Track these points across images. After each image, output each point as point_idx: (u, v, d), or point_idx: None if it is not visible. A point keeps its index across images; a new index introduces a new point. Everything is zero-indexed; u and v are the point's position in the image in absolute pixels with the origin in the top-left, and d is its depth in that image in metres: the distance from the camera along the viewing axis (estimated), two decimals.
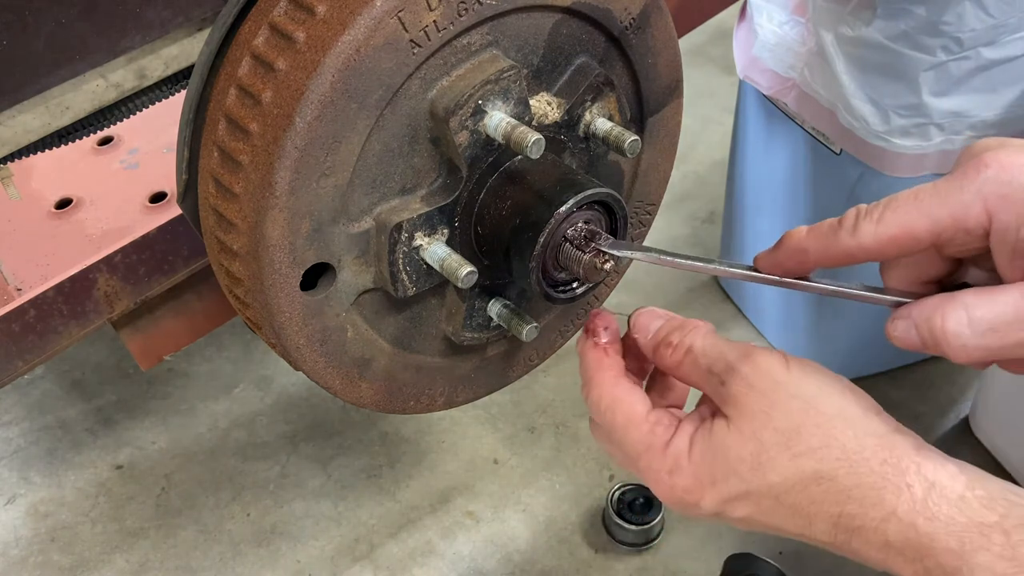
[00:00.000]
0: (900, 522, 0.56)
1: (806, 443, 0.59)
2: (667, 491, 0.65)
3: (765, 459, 0.60)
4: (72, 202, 1.22)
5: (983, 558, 0.54)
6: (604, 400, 0.69)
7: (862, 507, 0.57)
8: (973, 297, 0.61)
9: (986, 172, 0.60)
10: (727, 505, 0.63)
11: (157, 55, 0.79)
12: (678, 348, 0.68)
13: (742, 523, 0.64)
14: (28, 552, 1.66)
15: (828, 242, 0.65)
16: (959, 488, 0.57)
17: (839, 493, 0.58)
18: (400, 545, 1.64)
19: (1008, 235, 0.60)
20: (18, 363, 0.96)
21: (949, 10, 1.29)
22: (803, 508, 0.60)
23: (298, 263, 0.69)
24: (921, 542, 0.56)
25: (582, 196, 0.72)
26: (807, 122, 1.57)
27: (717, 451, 0.62)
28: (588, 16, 0.77)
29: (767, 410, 0.61)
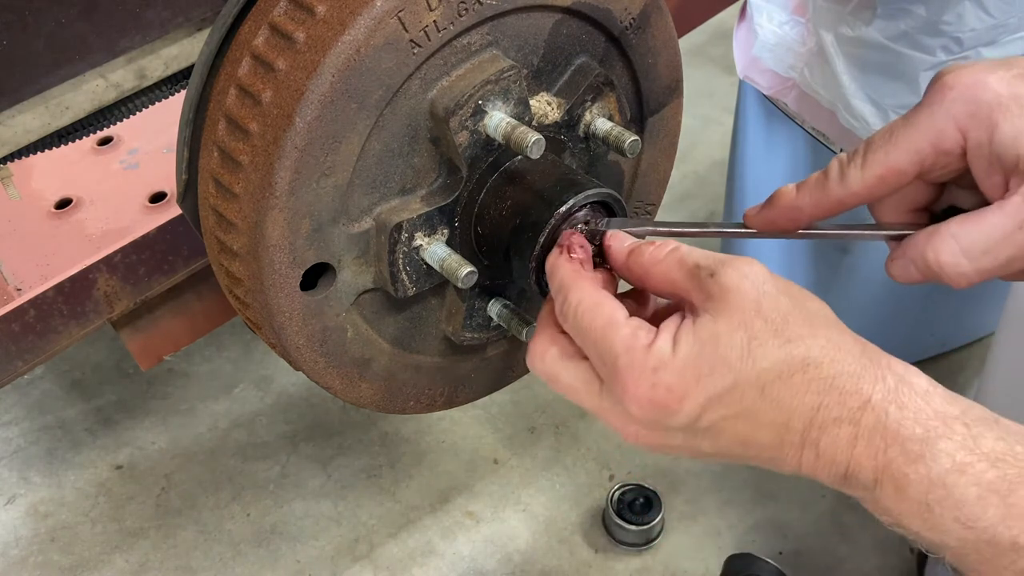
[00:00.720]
0: (874, 410, 0.58)
1: (795, 331, 0.60)
2: (647, 391, 0.60)
3: (755, 345, 0.59)
4: (72, 202, 1.22)
5: (945, 445, 0.56)
6: (585, 302, 0.64)
7: (841, 396, 0.58)
8: (959, 226, 0.65)
9: (951, 94, 0.64)
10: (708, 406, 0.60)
11: (157, 55, 0.79)
12: (662, 246, 0.66)
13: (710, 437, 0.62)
14: (28, 552, 1.66)
15: (819, 196, 0.69)
16: (924, 384, 0.59)
17: (822, 381, 0.59)
18: (400, 545, 1.64)
19: (982, 150, 0.64)
20: (18, 363, 0.96)
21: (949, 10, 1.29)
22: (785, 401, 0.59)
23: (298, 263, 0.69)
24: (889, 428, 0.57)
25: (582, 196, 0.72)
26: (807, 122, 1.57)
27: (705, 342, 0.60)
28: (588, 16, 0.77)
29: (758, 300, 0.60)
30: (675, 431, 0.62)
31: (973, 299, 1.78)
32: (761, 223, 0.72)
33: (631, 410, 0.62)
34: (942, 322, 1.81)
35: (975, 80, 0.63)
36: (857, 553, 1.57)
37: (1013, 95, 0.62)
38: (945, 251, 0.65)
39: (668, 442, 0.63)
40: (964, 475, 0.56)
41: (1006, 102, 0.62)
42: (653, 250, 0.66)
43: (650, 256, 0.66)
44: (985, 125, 0.63)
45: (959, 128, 0.64)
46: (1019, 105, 0.62)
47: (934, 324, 1.81)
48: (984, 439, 0.57)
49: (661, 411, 0.61)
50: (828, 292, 1.70)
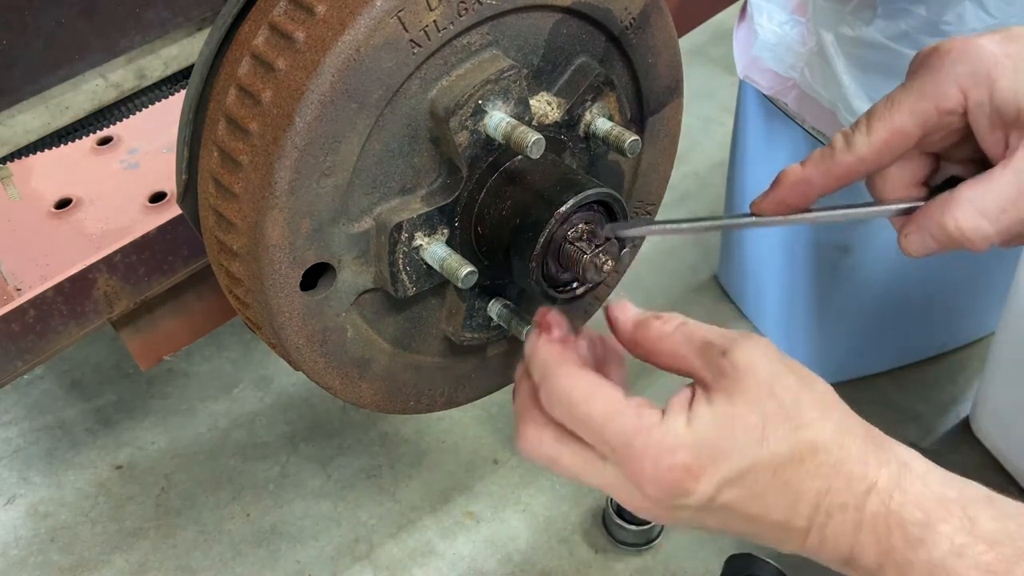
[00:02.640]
0: (879, 495, 0.59)
1: (806, 415, 0.60)
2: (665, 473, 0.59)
3: (770, 429, 0.60)
4: (72, 202, 1.22)
5: (944, 529, 0.57)
6: (579, 389, 0.62)
7: (848, 481, 0.59)
8: (972, 190, 0.67)
9: (950, 57, 0.67)
10: (723, 487, 0.60)
11: (157, 55, 0.79)
12: (670, 321, 0.66)
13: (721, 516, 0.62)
14: (28, 552, 1.66)
15: (828, 166, 0.71)
16: (922, 467, 0.61)
17: (830, 466, 0.59)
18: (400, 545, 1.64)
19: (983, 108, 0.67)
20: (18, 363, 0.96)
21: (949, 10, 1.29)
22: (794, 484, 0.60)
23: (298, 263, 0.69)
24: (892, 512, 0.58)
25: (582, 196, 0.72)
26: (807, 122, 1.57)
27: (722, 422, 0.60)
28: (588, 16, 0.77)
29: (771, 381, 0.61)
30: (685, 508, 0.62)
31: (973, 299, 1.78)
32: (770, 205, 0.73)
33: (647, 491, 0.61)
34: (942, 322, 1.81)
35: (970, 44, 0.67)
36: None
37: (1007, 53, 0.66)
38: (964, 216, 0.67)
39: (678, 516, 0.63)
40: (963, 558, 0.57)
41: (1002, 60, 0.66)
42: (660, 325, 0.66)
43: (657, 331, 0.66)
44: (985, 82, 0.66)
45: (960, 88, 0.67)
46: (1014, 62, 0.66)
47: (934, 324, 1.80)
48: (980, 520, 0.58)
49: (677, 491, 0.60)
50: (828, 292, 1.70)
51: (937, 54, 0.68)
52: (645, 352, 0.67)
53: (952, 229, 0.67)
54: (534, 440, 0.66)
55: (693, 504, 0.61)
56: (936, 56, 0.68)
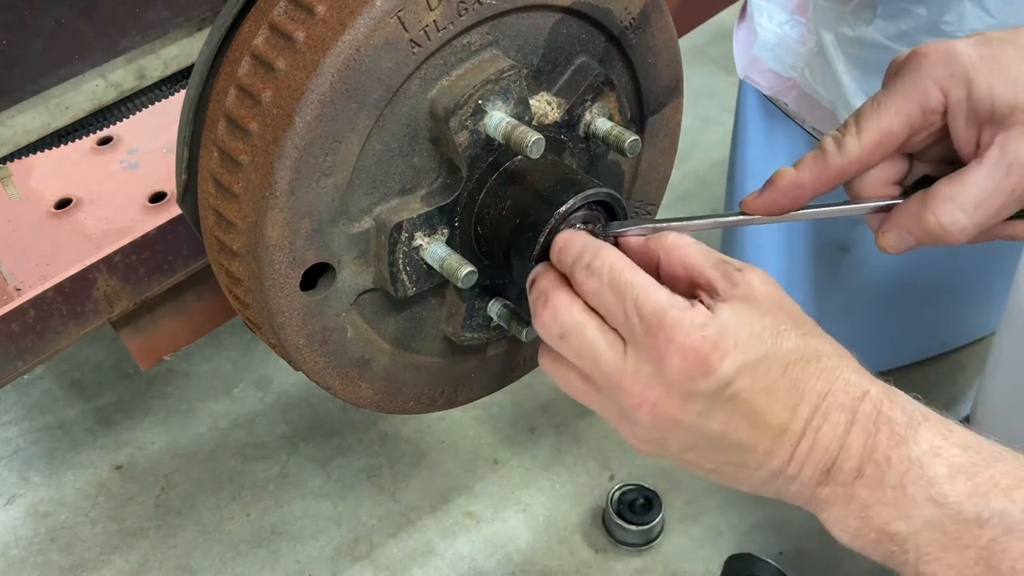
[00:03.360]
0: (871, 400, 0.64)
1: (810, 328, 0.67)
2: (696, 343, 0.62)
3: (783, 329, 0.65)
4: (72, 202, 1.22)
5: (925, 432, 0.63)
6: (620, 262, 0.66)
7: (846, 385, 0.64)
8: (949, 188, 0.72)
9: (928, 60, 0.72)
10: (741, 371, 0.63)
11: (157, 55, 0.79)
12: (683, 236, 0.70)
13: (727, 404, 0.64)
14: (28, 552, 1.66)
15: (819, 169, 0.75)
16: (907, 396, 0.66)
17: (832, 371, 0.64)
18: (400, 545, 1.64)
19: (960, 105, 0.72)
20: (18, 363, 0.96)
21: (950, 10, 1.29)
22: (800, 382, 0.64)
23: (298, 263, 0.69)
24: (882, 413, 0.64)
25: (582, 196, 0.72)
26: (807, 122, 1.57)
27: (742, 316, 0.64)
28: (588, 16, 0.77)
29: (779, 298, 0.67)
30: (698, 397, 0.64)
31: (973, 299, 1.78)
32: (762, 206, 0.77)
33: (672, 363, 0.63)
34: (942, 322, 1.81)
35: (947, 48, 0.72)
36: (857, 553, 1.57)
37: (981, 56, 0.71)
38: (944, 212, 0.72)
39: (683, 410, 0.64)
40: (938, 456, 0.62)
41: (977, 62, 0.71)
42: (675, 237, 0.70)
43: (672, 241, 0.70)
44: (962, 82, 0.71)
45: (940, 88, 0.72)
46: (987, 64, 0.70)
47: (934, 324, 1.80)
48: (956, 431, 0.64)
49: (702, 366, 0.62)
50: (828, 292, 1.70)
51: (915, 57, 0.73)
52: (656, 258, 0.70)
53: (932, 224, 0.73)
54: (564, 306, 0.67)
55: (709, 388, 0.63)
56: (915, 59, 0.73)
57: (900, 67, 0.75)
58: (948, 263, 1.67)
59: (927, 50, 0.72)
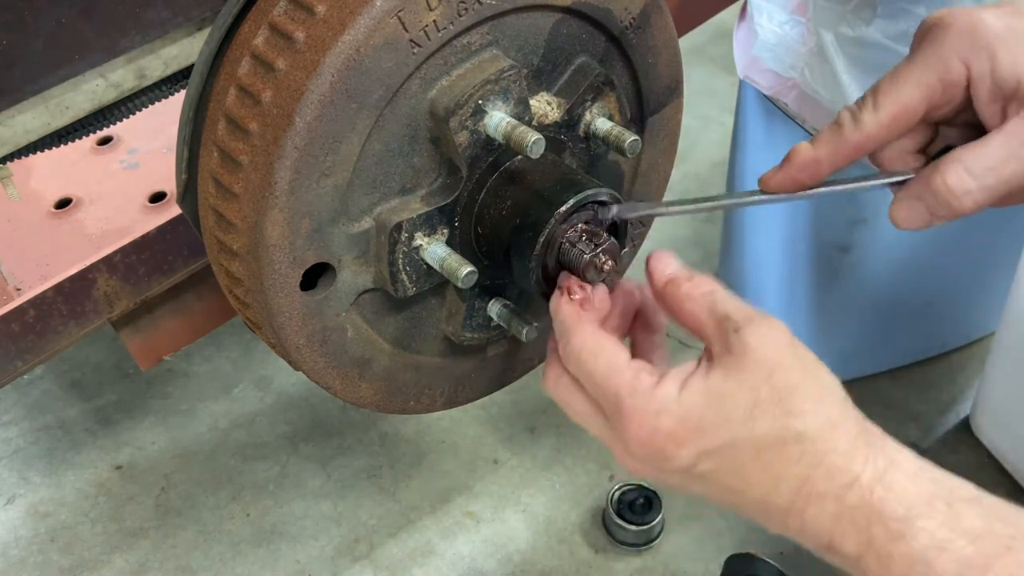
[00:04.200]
0: (860, 489, 0.60)
1: (798, 405, 0.62)
2: (648, 435, 0.63)
3: (758, 412, 0.61)
4: (72, 202, 1.22)
5: (925, 523, 0.58)
6: (587, 346, 0.67)
7: (829, 472, 0.60)
8: (963, 151, 0.69)
9: (951, 30, 0.69)
10: (703, 457, 0.63)
11: (157, 55, 0.79)
12: (700, 286, 0.69)
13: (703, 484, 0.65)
14: (28, 552, 1.66)
15: (836, 145, 0.72)
16: (913, 467, 0.61)
17: (813, 456, 0.61)
18: (400, 545, 1.64)
19: (984, 80, 0.68)
20: (18, 363, 0.96)
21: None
22: (775, 466, 0.62)
23: (298, 263, 0.69)
24: (873, 507, 0.59)
25: (582, 196, 0.72)
26: (807, 122, 1.57)
27: (712, 396, 0.62)
28: (588, 16, 0.77)
29: (772, 367, 0.62)
30: (671, 472, 0.65)
31: (973, 299, 1.78)
32: (779, 183, 0.74)
33: (633, 450, 0.65)
34: (942, 322, 1.81)
35: (972, 18, 0.68)
36: None
37: (1008, 27, 0.67)
38: (951, 173, 0.68)
39: (666, 480, 0.66)
40: (944, 552, 0.58)
41: (1003, 34, 0.67)
42: (689, 287, 0.69)
43: (685, 292, 0.69)
44: (986, 56, 0.68)
45: (963, 60, 0.68)
46: (1015, 36, 0.67)
47: (934, 324, 1.80)
48: (965, 517, 0.59)
49: (659, 454, 0.64)
50: (828, 292, 1.70)
51: (940, 27, 0.69)
52: (670, 309, 0.70)
53: (940, 187, 0.69)
54: (553, 381, 0.72)
55: (674, 469, 0.64)
56: (939, 29, 0.69)
57: (924, 35, 0.71)
58: (948, 263, 1.67)
59: (952, 19, 0.69)
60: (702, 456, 0.63)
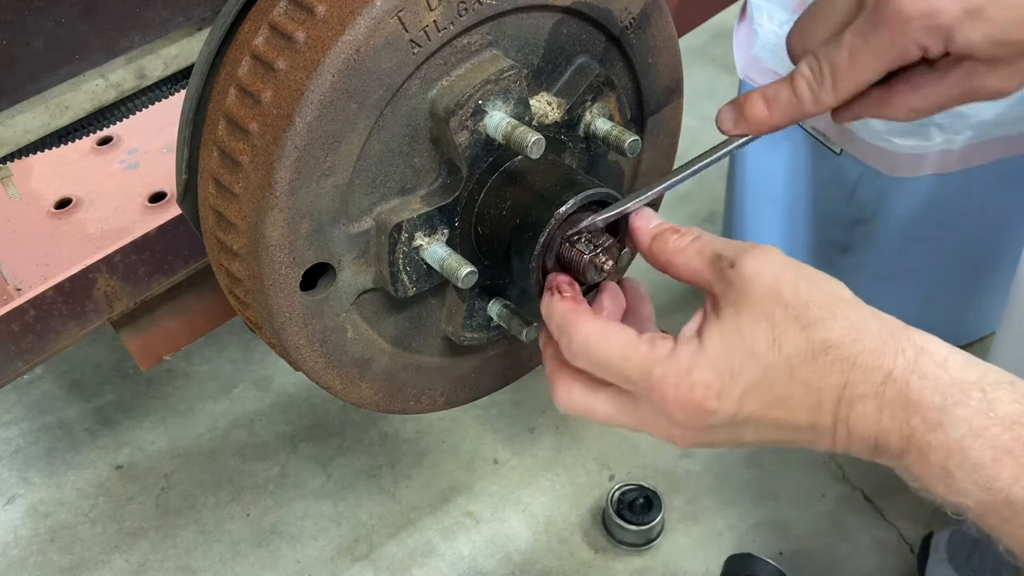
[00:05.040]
0: (895, 383, 0.60)
1: (815, 315, 0.62)
2: (686, 395, 0.62)
3: (779, 333, 0.62)
4: (72, 202, 1.22)
5: (962, 412, 0.59)
6: (592, 335, 0.66)
7: (864, 372, 0.61)
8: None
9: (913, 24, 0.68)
10: (744, 398, 0.62)
11: (157, 55, 0.79)
12: (686, 234, 0.69)
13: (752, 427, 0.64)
14: (28, 552, 1.66)
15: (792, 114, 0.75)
16: (943, 352, 0.62)
17: (844, 361, 0.61)
18: (400, 545, 1.64)
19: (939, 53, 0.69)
20: (18, 363, 0.96)
21: None
22: (814, 382, 0.61)
23: (298, 263, 0.69)
24: (910, 398, 0.60)
25: (582, 196, 0.72)
26: (807, 122, 1.57)
27: (731, 335, 0.62)
28: (588, 16, 0.77)
29: (777, 288, 0.62)
30: (718, 427, 0.64)
31: (973, 299, 1.78)
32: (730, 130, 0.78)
33: (675, 416, 0.64)
34: (942, 322, 1.80)
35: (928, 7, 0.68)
36: (857, 553, 1.57)
37: (964, 10, 0.67)
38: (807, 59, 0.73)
39: (713, 438, 0.66)
40: (980, 438, 0.58)
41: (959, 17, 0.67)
42: (676, 239, 0.69)
43: (673, 245, 0.69)
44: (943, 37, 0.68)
45: (920, 46, 0.69)
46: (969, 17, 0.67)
47: (934, 324, 1.79)
48: (1000, 403, 0.59)
49: (702, 411, 0.63)
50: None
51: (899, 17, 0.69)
52: (662, 264, 0.70)
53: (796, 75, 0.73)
54: (565, 395, 0.69)
55: (721, 421, 0.63)
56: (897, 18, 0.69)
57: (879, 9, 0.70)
58: (948, 264, 1.67)
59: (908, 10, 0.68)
60: (743, 397, 0.62)
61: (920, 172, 1.45)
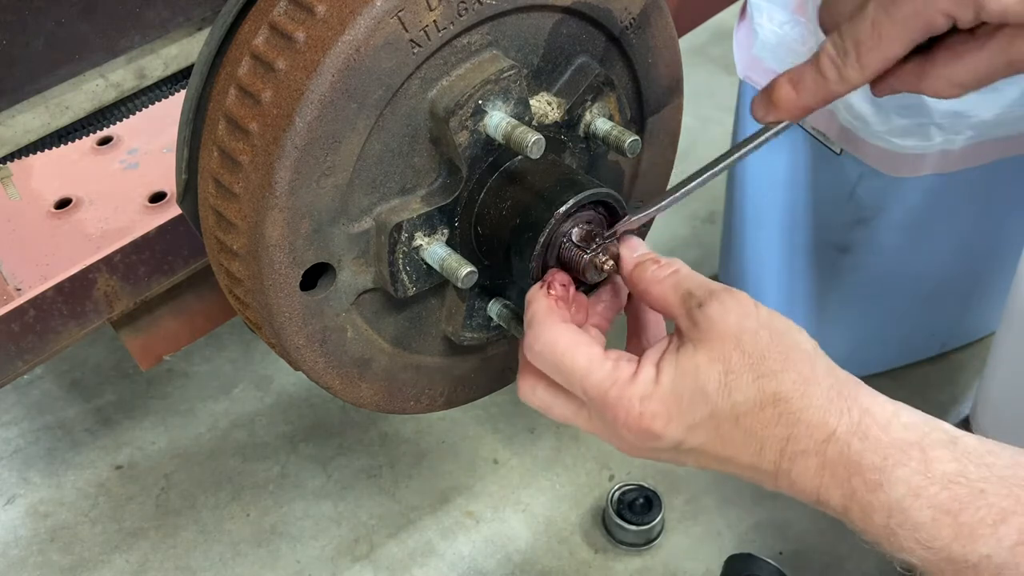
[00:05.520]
0: (838, 442, 0.61)
1: (769, 367, 0.63)
2: (635, 420, 0.65)
3: (732, 379, 0.63)
4: (72, 202, 1.22)
5: (901, 472, 0.60)
6: (561, 343, 0.67)
7: (808, 428, 0.62)
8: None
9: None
10: (689, 432, 0.65)
11: (157, 55, 0.79)
12: (666, 266, 0.70)
13: (695, 456, 0.67)
14: (28, 552, 1.66)
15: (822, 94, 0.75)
16: (888, 413, 0.62)
17: (791, 415, 0.62)
18: (400, 545, 1.64)
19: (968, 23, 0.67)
20: (18, 363, 0.96)
21: None
22: (757, 431, 0.63)
23: (298, 263, 0.69)
24: (851, 459, 0.61)
25: (582, 196, 0.72)
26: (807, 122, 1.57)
27: (687, 372, 0.64)
28: (588, 16, 0.77)
29: (738, 335, 0.64)
30: (662, 450, 0.67)
31: (973, 299, 1.78)
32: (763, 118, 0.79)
33: (624, 436, 0.67)
34: (942, 322, 1.81)
35: None
36: (857, 553, 1.57)
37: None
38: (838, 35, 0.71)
39: (659, 456, 0.69)
40: (919, 499, 0.60)
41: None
42: (655, 269, 0.70)
43: (651, 275, 0.70)
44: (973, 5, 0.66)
45: (947, 15, 0.68)
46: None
47: (934, 324, 1.80)
48: (938, 462, 0.60)
49: (649, 436, 0.65)
50: (828, 292, 1.70)
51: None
52: (639, 292, 0.72)
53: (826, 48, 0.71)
54: (528, 389, 0.72)
55: (666, 447, 0.66)
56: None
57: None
58: (948, 264, 1.67)
59: None
60: (689, 431, 0.64)
61: (920, 172, 1.45)
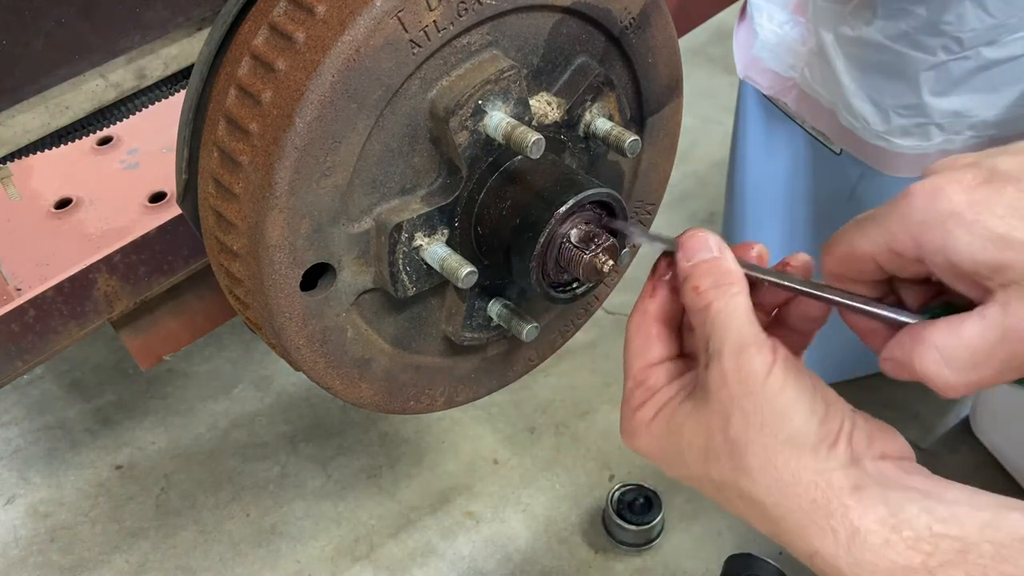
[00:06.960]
0: (824, 560, 0.57)
1: (747, 462, 0.60)
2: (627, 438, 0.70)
3: (711, 459, 0.63)
4: (72, 202, 1.22)
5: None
6: (629, 330, 0.71)
7: (789, 537, 0.59)
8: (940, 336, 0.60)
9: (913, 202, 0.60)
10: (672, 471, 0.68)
11: (157, 55, 0.79)
12: (702, 296, 0.65)
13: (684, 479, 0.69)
14: (28, 552, 1.66)
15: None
16: (884, 533, 0.56)
17: (767, 520, 0.61)
18: (400, 545, 1.64)
19: (937, 257, 0.59)
20: (18, 363, 0.96)
21: (949, 10, 1.29)
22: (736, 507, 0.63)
23: (298, 263, 0.69)
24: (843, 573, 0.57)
25: (582, 196, 0.72)
26: (807, 122, 1.57)
27: (673, 432, 0.66)
28: (588, 16, 0.77)
29: (728, 415, 0.61)
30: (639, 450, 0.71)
31: None
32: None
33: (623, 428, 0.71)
34: None
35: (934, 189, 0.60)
36: None
37: (970, 202, 0.58)
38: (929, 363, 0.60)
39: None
40: None
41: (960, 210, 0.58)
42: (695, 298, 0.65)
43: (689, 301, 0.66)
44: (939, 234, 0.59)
45: (911, 235, 0.60)
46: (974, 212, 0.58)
47: None
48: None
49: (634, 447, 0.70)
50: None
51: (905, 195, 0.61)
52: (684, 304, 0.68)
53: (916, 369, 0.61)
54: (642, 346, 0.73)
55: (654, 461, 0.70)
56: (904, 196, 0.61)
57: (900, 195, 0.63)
58: None
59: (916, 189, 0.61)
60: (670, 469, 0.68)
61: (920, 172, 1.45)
